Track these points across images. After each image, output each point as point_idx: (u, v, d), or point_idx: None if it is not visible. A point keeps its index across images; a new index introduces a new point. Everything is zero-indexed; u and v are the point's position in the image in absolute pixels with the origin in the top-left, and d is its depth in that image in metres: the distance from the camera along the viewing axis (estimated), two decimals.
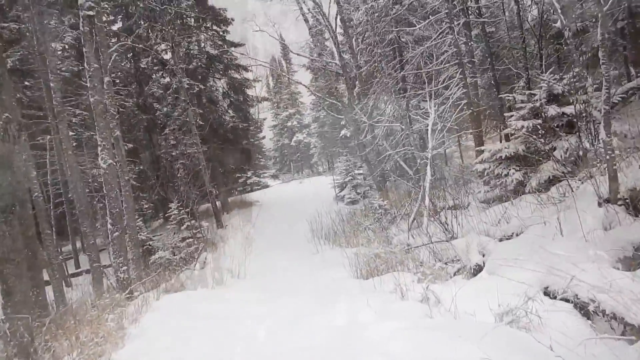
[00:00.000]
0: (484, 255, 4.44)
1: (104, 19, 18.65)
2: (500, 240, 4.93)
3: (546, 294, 3.51)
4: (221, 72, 20.73)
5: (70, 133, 13.88)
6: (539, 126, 6.26)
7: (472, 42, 10.52)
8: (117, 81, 19.56)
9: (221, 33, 20.08)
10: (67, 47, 17.01)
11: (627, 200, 4.08)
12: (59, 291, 10.74)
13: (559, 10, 5.33)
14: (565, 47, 9.84)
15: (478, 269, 4.34)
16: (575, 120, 6.16)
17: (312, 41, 20.66)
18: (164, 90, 19.20)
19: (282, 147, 40.10)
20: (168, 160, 19.52)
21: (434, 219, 6.04)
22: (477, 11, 11.15)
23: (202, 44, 19.79)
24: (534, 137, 6.11)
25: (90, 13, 8.42)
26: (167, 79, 19.73)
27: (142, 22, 18.89)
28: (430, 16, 10.42)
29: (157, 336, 4.85)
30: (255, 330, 4.42)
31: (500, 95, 10.45)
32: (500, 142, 11.68)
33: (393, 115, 11.92)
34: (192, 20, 19.36)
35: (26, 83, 16.41)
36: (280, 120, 39.12)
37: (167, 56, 19.38)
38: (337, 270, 5.76)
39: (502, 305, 3.27)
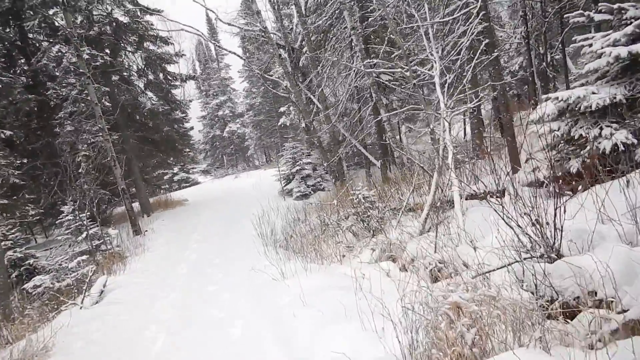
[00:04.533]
0: None
1: None
2: None
3: None
4: (135, 45, 16.92)
5: None
6: None
7: None
8: None
9: None
10: None
11: None
12: None
13: None
14: None
15: None
16: None
17: (244, 9, 17.66)
18: (57, 63, 15.10)
19: (213, 139, 36.22)
20: (68, 152, 15.46)
21: (524, 216, 3.04)
22: None
23: (110, 8, 15.90)
24: None
25: None
26: (63, 49, 15.59)
27: None
28: None
29: None
30: None
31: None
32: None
33: (357, 80, 9.40)
34: None
35: None
36: (210, 110, 35.21)
37: (63, 22, 15.25)
38: (348, 330, 2.89)
39: None
